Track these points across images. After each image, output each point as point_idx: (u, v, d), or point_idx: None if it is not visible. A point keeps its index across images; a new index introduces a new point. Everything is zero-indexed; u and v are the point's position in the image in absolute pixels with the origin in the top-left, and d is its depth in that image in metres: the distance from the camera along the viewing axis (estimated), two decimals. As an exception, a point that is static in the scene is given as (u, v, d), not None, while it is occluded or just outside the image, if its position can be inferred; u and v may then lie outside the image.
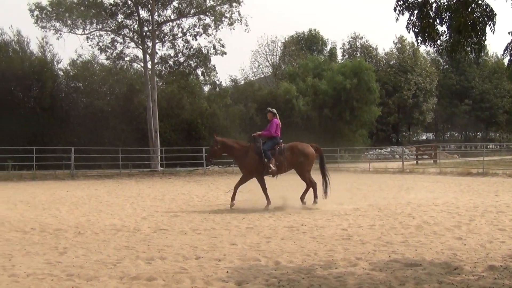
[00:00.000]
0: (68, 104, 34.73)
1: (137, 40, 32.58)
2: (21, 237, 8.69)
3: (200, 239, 8.41)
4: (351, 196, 15.54)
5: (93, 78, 35.93)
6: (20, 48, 33.92)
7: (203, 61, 33.84)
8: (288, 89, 43.15)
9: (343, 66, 47.43)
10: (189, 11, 32.75)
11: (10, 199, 15.28)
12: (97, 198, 15.61)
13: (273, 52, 59.47)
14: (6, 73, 31.29)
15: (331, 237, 8.37)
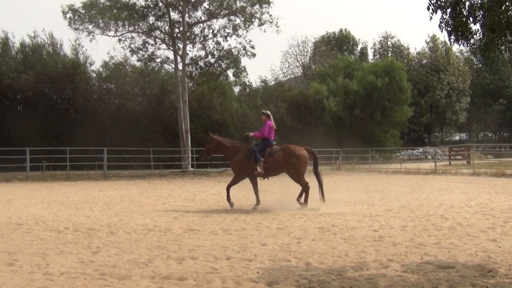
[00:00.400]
0: (100, 105, 35.19)
1: (168, 41, 32.81)
2: (55, 236, 8.81)
3: (230, 239, 8.42)
4: (382, 197, 15.39)
5: (125, 79, 36.35)
6: (53, 50, 34.50)
7: (233, 62, 33.94)
8: (319, 89, 43.00)
9: (374, 66, 47.09)
10: (220, 12, 32.84)
11: (44, 199, 15.56)
12: (129, 198, 15.78)
13: (303, 52, 59.41)
14: (40, 75, 31.88)
15: (362, 238, 8.30)
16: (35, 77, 31.47)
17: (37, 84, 31.87)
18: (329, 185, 20.50)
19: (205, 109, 36.97)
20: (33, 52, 33.65)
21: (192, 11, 32.94)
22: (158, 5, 32.43)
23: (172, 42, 32.45)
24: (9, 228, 9.57)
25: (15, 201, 14.70)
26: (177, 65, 32.62)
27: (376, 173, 30.18)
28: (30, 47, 33.92)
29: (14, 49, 34.07)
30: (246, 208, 12.77)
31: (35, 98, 32.13)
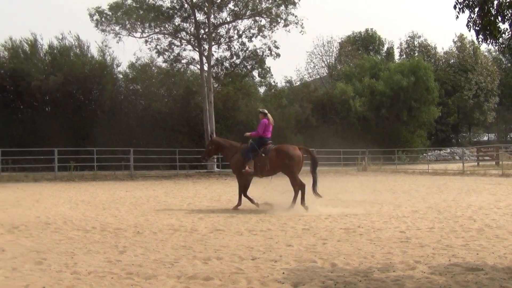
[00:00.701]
0: (127, 106, 35.52)
1: (194, 42, 32.97)
2: (83, 235, 8.91)
3: (256, 240, 8.42)
4: (409, 198, 15.26)
5: (151, 80, 36.64)
6: (80, 52, 34.90)
7: (258, 63, 33.95)
8: (344, 89, 42.84)
9: (401, 65, 46.73)
10: (245, 13, 32.90)
11: (72, 199, 15.75)
12: (155, 199, 15.89)
13: (328, 52, 59.24)
14: (68, 77, 32.30)
15: (388, 240, 8.23)
16: (63, 78, 31.89)
17: (65, 86, 32.31)
18: (354, 186, 20.45)
19: (230, 109, 37.07)
20: (61, 54, 34.10)
21: (218, 12, 33.07)
22: (184, 6, 32.62)
23: (198, 43, 32.60)
24: (38, 228, 9.70)
25: (43, 201, 14.91)
26: (202, 66, 32.77)
27: (402, 174, 29.93)
28: (58, 49, 34.38)
29: (42, 51, 34.57)
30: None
31: (63, 100, 32.58)
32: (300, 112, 40.69)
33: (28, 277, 5.93)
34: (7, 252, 7.37)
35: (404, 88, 42.75)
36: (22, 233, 9.11)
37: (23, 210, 12.46)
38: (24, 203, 14.23)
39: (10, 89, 32.73)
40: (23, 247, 7.82)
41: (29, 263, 6.67)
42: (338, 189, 19.27)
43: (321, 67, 59.83)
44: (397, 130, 43.79)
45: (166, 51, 33.10)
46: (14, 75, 32.07)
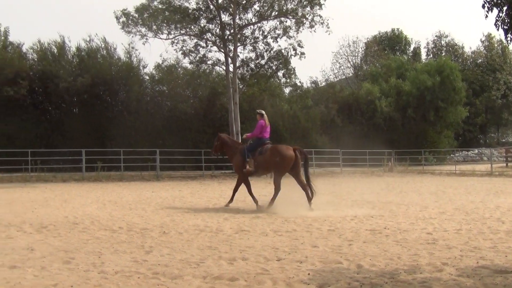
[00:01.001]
0: (153, 107, 35.76)
1: (219, 44, 33.06)
2: (110, 235, 9.00)
3: (281, 240, 8.42)
4: (436, 199, 15.11)
5: (177, 81, 36.82)
6: (107, 54, 35.23)
7: (283, 63, 33.89)
8: (370, 90, 42.56)
9: (427, 65, 46.24)
10: (270, 13, 32.88)
11: (99, 199, 15.93)
12: (181, 199, 15.99)
13: (354, 53, 58.88)
14: (95, 79, 32.66)
15: (415, 241, 8.16)
16: (90, 80, 32.26)
17: (92, 87, 32.69)
18: (380, 187, 20.32)
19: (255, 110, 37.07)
20: (89, 55, 34.48)
21: (243, 13, 33.11)
22: (210, 8, 32.74)
23: (223, 44, 32.69)
24: (66, 227, 9.84)
25: (71, 201, 15.11)
26: (228, 67, 32.85)
27: (429, 175, 29.66)
28: (86, 51, 34.78)
29: (70, 53, 35.00)
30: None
31: (90, 101, 32.95)
32: (326, 113, 40.51)
33: (56, 276, 6.01)
34: (36, 252, 7.49)
35: (430, 88, 42.28)
36: (50, 233, 9.24)
37: (52, 210, 12.64)
38: (52, 203, 14.44)
39: (39, 91, 33.23)
40: (51, 246, 7.93)
41: (57, 262, 6.76)
42: (364, 190, 19.18)
43: (347, 68, 59.56)
44: (424, 130, 43.31)
45: (192, 52, 33.26)
46: (43, 77, 32.57)
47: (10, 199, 15.63)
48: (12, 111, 31.11)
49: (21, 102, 31.40)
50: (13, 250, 7.62)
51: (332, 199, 14.77)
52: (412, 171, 31.96)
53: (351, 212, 11.94)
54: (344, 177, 27.98)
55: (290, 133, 37.55)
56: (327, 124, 40.19)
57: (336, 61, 60.48)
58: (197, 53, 33.29)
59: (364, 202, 14.06)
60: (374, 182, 23.93)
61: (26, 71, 32.35)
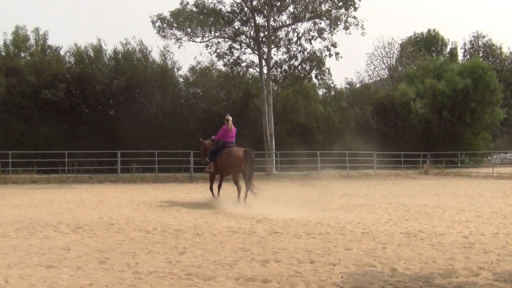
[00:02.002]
0: (187, 109, 35.99)
1: (253, 46, 33.14)
2: (144, 236, 9.10)
3: (314, 243, 8.39)
4: (472, 202, 14.86)
5: (211, 83, 36.98)
6: (143, 56, 35.58)
7: (317, 65, 33.74)
8: (405, 91, 42.08)
9: (462, 66, 45.52)
10: (304, 15, 32.87)
11: (134, 200, 16.11)
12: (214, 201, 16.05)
13: (389, 54, 58.32)
14: (130, 81, 33.03)
15: (451, 245, 8.04)
16: (126, 82, 32.66)
17: (128, 89, 33.08)
18: (415, 190, 20.09)
19: (289, 112, 37.05)
20: (125, 58, 34.89)
21: (277, 15, 33.15)
22: (244, 10, 32.89)
23: (257, 46, 32.76)
24: (101, 228, 9.98)
25: (106, 202, 15.32)
26: (261, 69, 32.92)
27: (466, 177, 29.19)
28: (122, 53, 35.20)
29: (106, 56, 35.47)
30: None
31: (126, 103, 33.33)
32: (360, 114, 40.21)
33: (91, 276, 6.11)
34: (72, 251, 7.62)
35: (465, 89, 41.64)
36: (86, 233, 9.40)
37: (88, 211, 12.84)
38: (88, 204, 14.66)
39: (76, 93, 33.72)
40: (87, 246, 8.07)
41: (92, 262, 6.87)
42: (399, 192, 18.99)
43: (382, 69, 59.08)
44: (460, 132, 42.58)
45: (226, 54, 33.45)
46: (80, 79, 33.07)
47: (48, 200, 15.93)
48: (50, 113, 31.72)
49: (59, 105, 31.95)
50: (50, 250, 7.77)
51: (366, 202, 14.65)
52: (448, 174, 31.49)
53: (385, 215, 11.84)
54: (379, 180, 27.72)
55: (324, 135, 37.40)
56: (362, 126, 39.88)
57: (370, 63, 60.10)
58: (231, 55, 33.49)
59: (398, 205, 13.92)
60: (409, 185, 23.67)
61: (64, 74, 32.92)
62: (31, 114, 31.46)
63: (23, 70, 31.60)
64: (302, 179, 28.06)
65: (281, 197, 17.17)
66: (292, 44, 33.81)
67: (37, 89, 31.44)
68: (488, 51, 60.91)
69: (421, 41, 61.96)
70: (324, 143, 36.91)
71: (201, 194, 18.84)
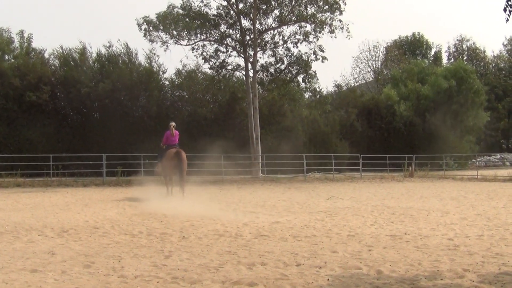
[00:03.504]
0: (173, 112, 35.89)
1: (239, 49, 33.20)
2: (130, 240, 9.06)
3: (300, 246, 8.40)
4: (457, 205, 14.96)
5: (197, 86, 36.94)
6: (128, 59, 35.46)
7: (303, 68, 33.86)
8: (389, 94, 42.34)
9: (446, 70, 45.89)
10: (290, 19, 32.99)
11: (120, 203, 16.02)
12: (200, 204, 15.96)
13: (374, 57, 58.70)
14: (116, 84, 32.88)
15: (436, 247, 8.09)
16: (111, 85, 32.50)
17: (113, 92, 32.90)
18: (401, 192, 20.18)
19: (275, 115, 37.12)
20: (109, 61, 34.74)
21: (263, 18, 33.23)
22: (230, 13, 32.93)
23: (243, 49, 32.80)
24: (87, 232, 9.93)
25: (92, 206, 15.22)
26: (248, 72, 32.95)
27: (450, 180, 29.36)
28: (106, 56, 35.03)
29: (91, 59, 35.29)
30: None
31: (111, 106, 33.15)
32: (345, 117, 40.39)
33: (77, 280, 6.07)
34: (57, 255, 7.57)
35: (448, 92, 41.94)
36: (71, 237, 9.34)
37: (73, 214, 12.76)
38: (73, 208, 14.57)
39: (60, 96, 33.50)
40: (72, 250, 8.01)
41: (78, 267, 6.83)
42: (384, 195, 19.07)
43: (367, 72, 59.43)
44: (445, 135, 42.82)
45: (212, 57, 33.50)
46: (64, 82, 32.85)
47: (32, 204, 15.81)
48: (35, 116, 31.45)
49: (43, 108, 31.73)
50: (35, 254, 7.72)
51: (352, 204, 14.69)
52: (433, 176, 31.68)
53: (371, 218, 11.89)
54: (364, 182, 27.83)
55: (309, 138, 37.49)
56: (347, 129, 40.06)
57: (356, 66, 60.40)
58: (217, 58, 33.56)
59: (384, 207, 13.97)
60: (394, 187, 23.78)
61: (48, 76, 32.69)
62: (15, 117, 31.21)
63: (7, 73, 31.35)
64: (288, 182, 28.11)
65: (267, 200, 17.18)
66: (278, 47, 33.96)
67: (21, 91, 31.21)
68: (472, 55, 61.57)
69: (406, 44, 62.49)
70: (310, 146, 36.99)
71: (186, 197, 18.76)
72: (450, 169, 36.88)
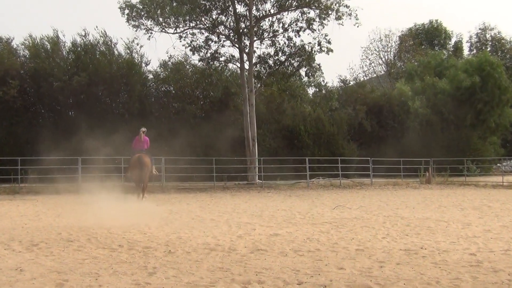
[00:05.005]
0: (158, 109, 35.83)
1: (233, 38, 33.05)
2: (109, 254, 9.04)
3: (302, 261, 8.39)
4: (480, 215, 14.97)
5: (185, 80, 36.82)
6: (107, 49, 35.31)
7: (306, 60, 33.74)
8: (403, 90, 42.25)
9: (468, 62, 45.76)
10: (291, 4, 32.82)
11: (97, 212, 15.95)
12: (188, 214, 15.99)
13: (386, 48, 58.71)
14: (93, 77, 32.71)
15: (456, 263, 8.09)
16: (87, 79, 32.33)
17: (90, 87, 32.75)
18: (416, 201, 20.19)
19: (274, 113, 37.08)
20: (86, 52, 34.57)
21: (260, 3, 33.05)
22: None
23: (238, 38, 32.69)
24: (59, 245, 9.89)
25: (65, 215, 15.19)
26: (243, 64, 32.86)
27: (472, 187, 29.42)
28: (82, 46, 34.88)
29: (65, 49, 35.13)
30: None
31: (88, 102, 33.04)
32: (353, 116, 40.24)
33: (48, 301, 6.04)
34: (25, 273, 7.54)
35: (470, 88, 41.89)
36: (42, 251, 9.30)
37: (44, 226, 12.72)
38: (44, 218, 14.53)
39: (30, 91, 33.39)
40: (43, 267, 7.98)
41: (49, 285, 6.80)
42: (398, 204, 19.08)
43: (378, 65, 59.42)
44: (466, 136, 42.77)
45: (202, 48, 33.32)
46: (35, 75, 32.67)
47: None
48: (1, 114, 31.33)
49: (11, 104, 31.52)
50: (0, 270, 7.67)
51: (361, 215, 14.69)
52: (452, 183, 31.75)
53: (382, 230, 11.89)
54: (375, 190, 27.85)
55: (313, 139, 37.38)
56: (355, 129, 39.94)
57: (366, 57, 60.36)
58: (208, 48, 33.39)
59: (397, 218, 13.98)
60: (409, 195, 23.80)
61: (17, 69, 32.41)
62: (-22, 116, 31.09)
63: (-34, 66, 31.19)
64: (289, 189, 28.10)
65: (264, 210, 17.17)
66: (278, 36, 33.80)
67: (-16, 86, 31.07)
68: (497, 45, 61.53)
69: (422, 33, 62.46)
70: (313, 148, 36.97)
71: (174, 206, 18.79)
72: (472, 174, 36.92)
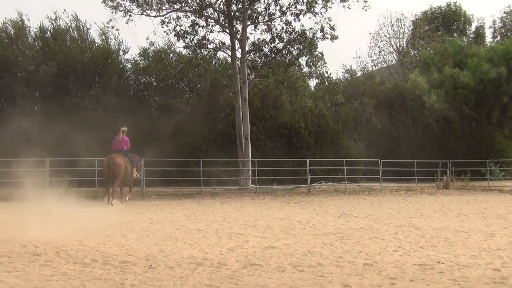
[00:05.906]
0: (137, 104, 35.77)
1: (224, 22, 32.89)
2: (80, 270, 9.03)
3: (302, 278, 8.40)
4: (505, 225, 15.01)
5: (169, 71, 36.76)
6: (79, 35, 35.23)
7: (307, 48, 33.65)
8: (417, 82, 42.16)
9: (491, 50, 45.71)
10: (289, -17, 32.82)
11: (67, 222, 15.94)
12: (172, 223, 15.98)
13: (398, 34, 58.75)
14: (63, 67, 32.66)
15: (478, 280, 8.11)
16: (56, 69, 32.28)
17: (59, 78, 32.71)
18: (432, 209, 20.22)
19: (270, 108, 37.02)
20: (55, 38, 34.50)
21: (255, -19, 33.01)
22: (212, -25, 32.67)
23: (229, 22, 32.55)
24: (24, 260, 9.88)
25: (31, 225, 15.12)
26: (234, 52, 32.74)
27: (496, 192, 29.48)
28: (51, 32, 34.81)
29: (31, 35, 35.07)
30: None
31: (57, 96, 32.98)
32: (360, 111, 40.13)
33: (10, 323, 6.03)
34: (-15, 291, 7.53)
35: (495, 80, 41.87)
36: (4, 267, 9.29)
37: (6, 237, 12.68)
38: (7, 228, 14.49)
39: (-9, 83, 33.41)
40: (5, 284, 7.98)
41: (12, 305, 6.79)
42: (412, 212, 19.10)
43: (389, 53, 59.44)
44: (489, 135, 42.76)
45: (188, 33, 33.14)
46: (-5, 65, 32.69)
47: (-47, 223, 15.74)
48: (-43, 109, 31.33)
49: (-32, 98, 31.58)
50: (-45, 289, 7.67)
51: (370, 224, 14.70)
52: (473, 188, 31.80)
53: (394, 242, 11.90)
54: (385, 196, 27.88)
55: (314, 138, 37.33)
56: (362, 126, 39.87)
57: (375, 45, 60.40)
58: (194, 34, 33.22)
59: (411, 228, 13.99)
60: (424, 202, 23.83)
61: (-25, 58, 32.51)
62: None
63: None
64: (287, 195, 28.10)
65: (259, 219, 17.16)
66: (275, 20, 33.63)
67: None
68: (524, 31, 61.64)
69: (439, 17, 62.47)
70: (315, 148, 36.97)
71: (155, 214, 18.75)
72: (496, 178, 36.96)
